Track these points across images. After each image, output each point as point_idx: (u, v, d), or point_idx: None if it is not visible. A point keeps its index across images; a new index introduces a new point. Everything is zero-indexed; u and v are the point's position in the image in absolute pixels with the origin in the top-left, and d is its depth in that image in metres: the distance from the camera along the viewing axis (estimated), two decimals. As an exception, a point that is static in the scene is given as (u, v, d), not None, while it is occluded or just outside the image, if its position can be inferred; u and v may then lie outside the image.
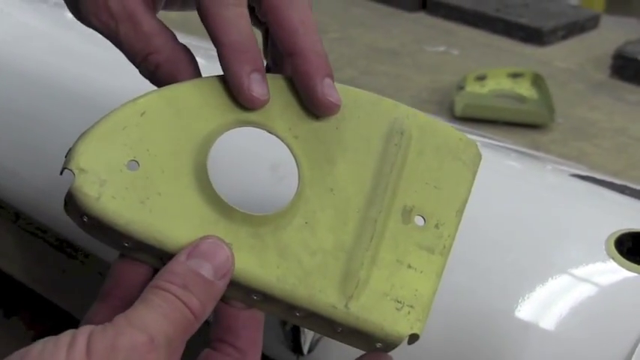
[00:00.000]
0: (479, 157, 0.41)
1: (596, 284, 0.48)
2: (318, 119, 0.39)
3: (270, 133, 0.38)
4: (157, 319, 0.32)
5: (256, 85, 0.37)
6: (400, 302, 0.38)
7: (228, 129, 0.38)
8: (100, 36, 0.43)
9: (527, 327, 0.46)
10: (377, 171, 0.39)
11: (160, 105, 0.37)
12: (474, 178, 0.40)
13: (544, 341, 0.45)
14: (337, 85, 0.39)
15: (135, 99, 0.37)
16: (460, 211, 0.40)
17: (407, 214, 0.39)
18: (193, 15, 0.41)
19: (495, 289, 0.48)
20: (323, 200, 0.38)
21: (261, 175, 0.55)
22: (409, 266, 0.38)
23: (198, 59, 0.79)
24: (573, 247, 0.50)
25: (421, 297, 0.38)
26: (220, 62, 0.37)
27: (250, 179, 0.56)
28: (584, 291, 0.47)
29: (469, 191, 0.40)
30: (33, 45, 0.77)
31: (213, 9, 0.38)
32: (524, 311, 0.46)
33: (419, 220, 0.39)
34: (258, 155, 0.56)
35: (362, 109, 0.40)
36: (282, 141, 0.38)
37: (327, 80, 0.38)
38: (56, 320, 0.91)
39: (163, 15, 1.18)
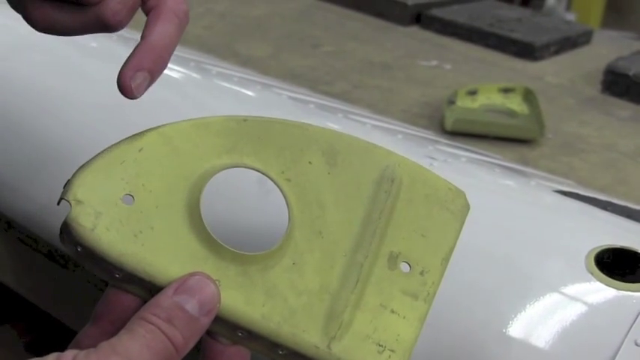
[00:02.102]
0: (467, 207, 0.42)
1: (574, 299, 0.49)
2: (311, 164, 0.40)
3: (263, 174, 0.39)
4: (140, 349, 0.34)
5: (135, 81, 0.39)
6: (382, 346, 0.39)
7: (222, 169, 0.39)
8: (100, 50, 0.44)
9: (506, 340, 0.47)
10: (366, 216, 0.40)
11: (158, 142, 0.38)
12: (461, 228, 0.42)
13: (521, 354, 0.46)
14: (332, 132, 0.41)
15: (134, 135, 0.38)
16: (446, 260, 0.41)
17: (393, 260, 0.40)
18: (189, 27, 0.42)
19: (475, 303, 0.48)
20: (311, 243, 0.39)
21: (248, 188, 0.56)
22: (392, 311, 0.40)
23: (190, 72, 0.80)
24: (553, 262, 0.51)
25: (403, 342, 0.39)
26: (138, 46, 0.40)
27: (239, 192, 0.57)
28: (563, 306, 0.48)
29: (456, 240, 0.41)
30: (31, 58, 0.78)
31: (161, 18, 0.41)
32: (503, 325, 0.47)
33: (404, 267, 0.40)
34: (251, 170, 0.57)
35: (355, 155, 0.41)
36: (275, 183, 0.40)
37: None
38: (48, 328, 0.92)
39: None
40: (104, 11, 0.38)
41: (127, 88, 0.38)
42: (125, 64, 0.39)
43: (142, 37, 0.39)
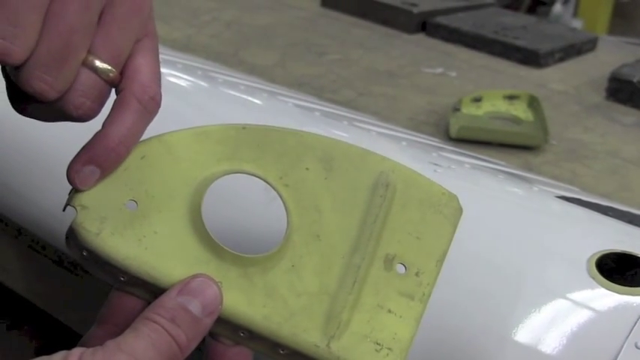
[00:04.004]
0: (460, 210, 0.43)
1: (576, 304, 0.49)
2: (308, 170, 0.41)
3: (262, 180, 0.41)
4: (144, 348, 0.35)
5: (80, 175, 0.37)
6: (379, 344, 0.40)
7: (222, 175, 0.40)
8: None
9: (508, 345, 0.47)
10: (362, 220, 0.41)
11: (160, 150, 0.40)
12: (454, 231, 0.43)
13: (523, 358, 0.47)
14: (329, 139, 0.42)
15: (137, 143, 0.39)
16: (440, 261, 0.42)
17: (389, 262, 0.41)
18: (196, 36, 0.43)
19: (477, 308, 0.49)
20: (310, 246, 0.41)
21: (255, 194, 0.57)
22: (389, 311, 0.41)
23: (197, 80, 0.80)
24: (555, 266, 0.51)
25: (400, 340, 0.40)
26: (93, 136, 0.38)
27: (244, 199, 0.58)
28: (565, 310, 0.49)
29: (449, 243, 0.43)
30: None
31: (124, 109, 0.38)
32: (505, 329, 0.48)
33: (400, 268, 0.41)
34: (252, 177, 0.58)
35: (350, 161, 0.42)
36: (273, 189, 0.41)
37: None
38: (58, 334, 0.93)
39: (168, 33, 1.22)
40: (67, 106, 0.36)
41: (72, 181, 0.37)
42: (76, 155, 0.38)
43: (102, 126, 0.38)
